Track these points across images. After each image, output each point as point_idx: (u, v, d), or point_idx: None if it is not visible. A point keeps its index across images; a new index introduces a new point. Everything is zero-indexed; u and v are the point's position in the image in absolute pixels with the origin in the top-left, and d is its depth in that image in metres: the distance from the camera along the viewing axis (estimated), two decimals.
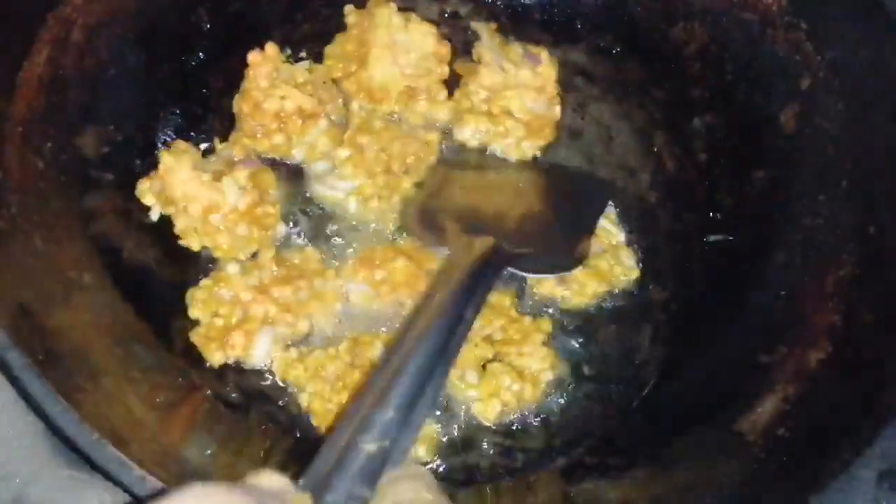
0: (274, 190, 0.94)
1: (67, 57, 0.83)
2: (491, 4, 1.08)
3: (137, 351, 0.81)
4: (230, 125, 0.98)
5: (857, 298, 0.77)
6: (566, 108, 1.03)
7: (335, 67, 1.00)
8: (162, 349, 0.84)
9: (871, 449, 0.63)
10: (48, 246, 0.77)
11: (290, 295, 0.87)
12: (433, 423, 0.86)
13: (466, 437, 0.87)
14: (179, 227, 0.89)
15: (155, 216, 0.90)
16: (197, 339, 0.86)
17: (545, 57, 1.01)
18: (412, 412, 0.60)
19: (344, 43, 1.01)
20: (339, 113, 0.99)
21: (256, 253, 0.91)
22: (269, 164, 0.96)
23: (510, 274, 0.90)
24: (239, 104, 0.96)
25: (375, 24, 0.97)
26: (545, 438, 0.87)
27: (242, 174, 0.90)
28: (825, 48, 0.85)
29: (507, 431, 0.87)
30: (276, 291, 0.87)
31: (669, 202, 0.99)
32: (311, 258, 0.92)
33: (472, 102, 1.00)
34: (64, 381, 0.66)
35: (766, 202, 0.91)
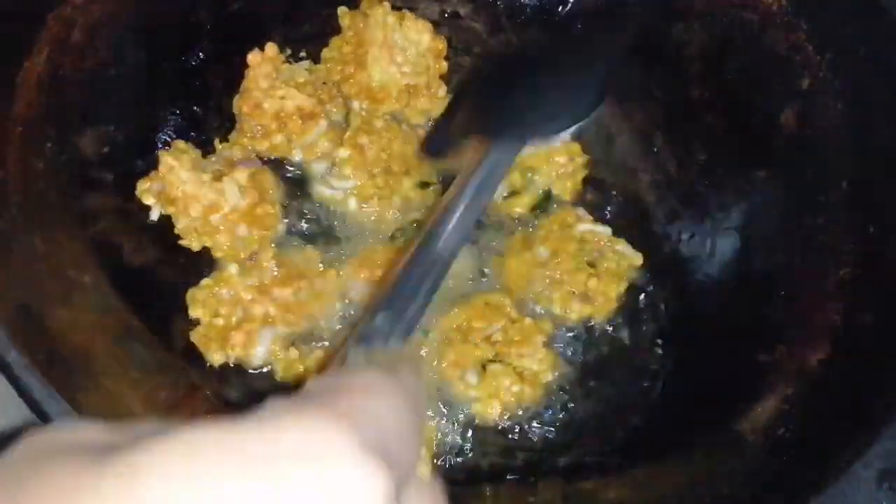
0: (274, 190, 0.94)
1: (67, 57, 0.83)
2: (491, 4, 1.08)
3: (137, 351, 0.81)
4: (230, 125, 0.98)
5: (857, 298, 0.77)
6: None
7: (333, 70, 1.00)
8: (162, 349, 0.84)
9: (871, 449, 0.63)
10: (48, 246, 0.77)
11: (290, 295, 0.87)
12: (433, 422, 0.86)
13: (466, 437, 0.87)
14: (179, 227, 0.89)
15: (155, 216, 0.90)
16: (197, 339, 0.86)
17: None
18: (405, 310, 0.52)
19: (340, 45, 1.01)
20: (339, 113, 0.99)
21: (256, 253, 0.91)
22: (269, 164, 0.96)
23: None
24: (239, 104, 0.96)
25: (370, 24, 0.97)
26: (545, 438, 0.87)
27: (242, 174, 0.90)
28: (825, 48, 0.85)
29: (507, 431, 0.87)
30: (276, 291, 0.87)
31: (669, 202, 0.99)
32: (311, 258, 0.92)
33: None
34: (64, 381, 0.66)
35: (766, 202, 0.91)
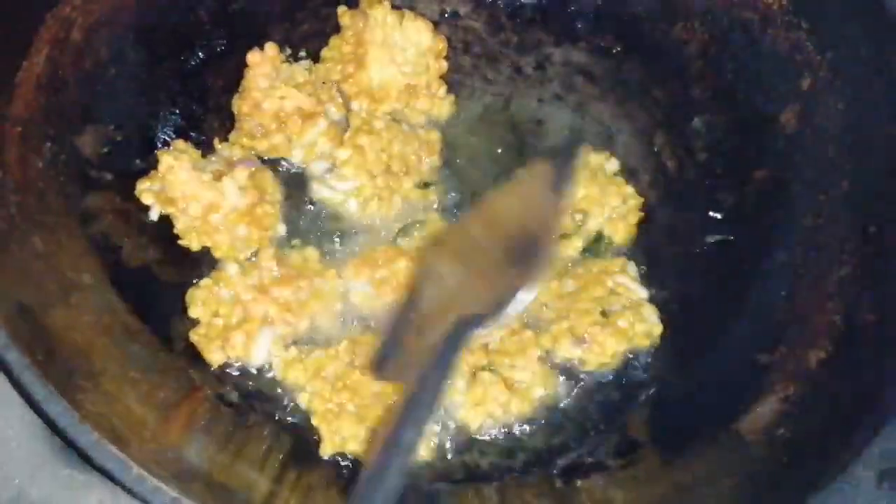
0: (274, 190, 0.94)
1: (67, 57, 0.83)
2: (491, 4, 1.08)
3: (137, 351, 0.81)
4: (230, 125, 0.98)
5: (857, 298, 0.77)
6: (567, 108, 1.04)
7: (333, 70, 1.00)
8: (162, 349, 0.84)
9: (870, 449, 0.63)
10: (48, 246, 0.77)
11: (290, 295, 0.87)
12: (433, 423, 0.86)
13: (466, 437, 0.87)
14: (179, 226, 0.89)
15: (154, 216, 0.90)
16: (197, 338, 0.86)
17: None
18: None
19: (340, 45, 1.01)
20: (339, 113, 0.99)
21: (256, 253, 0.91)
22: (269, 164, 0.96)
23: None
24: (238, 104, 0.96)
25: (370, 24, 0.97)
26: (545, 438, 0.87)
27: (242, 174, 0.90)
28: (825, 48, 0.85)
29: (507, 432, 0.87)
30: (276, 291, 0.87)
31: (669, 202, 0.99)
32: (311, 258, 0.92)
33: None
34: (64, 381, 0.66)
35: (766, 202, 0.91)
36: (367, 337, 0.88)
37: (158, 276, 0.89)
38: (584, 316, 0.88)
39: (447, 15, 1.07)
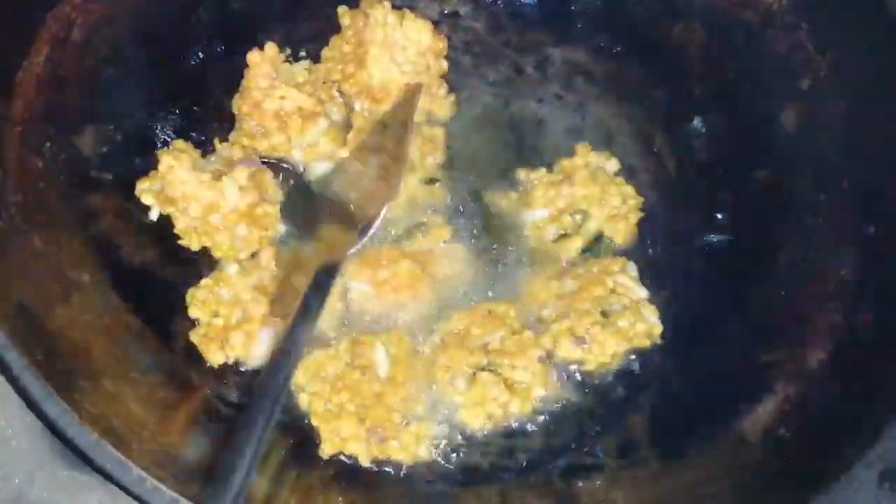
0: (274, 190, 0.94)
1: (67, 57, 0.83)
2: (491, 4, 1.08)
3: (137, 351, 0.81)
4: (230, 125, 0.98)
5: (857, 298, 0.77)
6: (567, 108, 1.04)
7: (334, 70, 1.00)
8: (162, 349, 0.84)
9: (871, 449, 0.63)
10: (48, 246, 0.77)
11: None
12: (433, 423, 0.86)
13: (466, 437, 0.87)
14: (179, 226, 0.89)
15: (154, 216, 0.90)
16: (197, 338, 0.86)
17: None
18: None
19: (340, 45, 1.01)
20: (339, 113, 0.99)
21: (256, 253, 0.91)
22: (269, 164, 0.96)
23: None
24: (238, 104, 0.96)
25: (371, 23, 0.97)
26: (545, 438, 0.87)
27: (242, 174, 0.90)
28: (825, 48, 0.85)
29: (507, 432, 0.87)
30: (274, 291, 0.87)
31: (669, 202, 0.99)
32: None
33: None
34: (64, 381, 0.66)
35: (766, 202, 0.91)
36: (367, 337, 0.88)
37: (158, 276, 0.89)
38: (584, 316, 0.88)
39: (447, 14, 1.07)
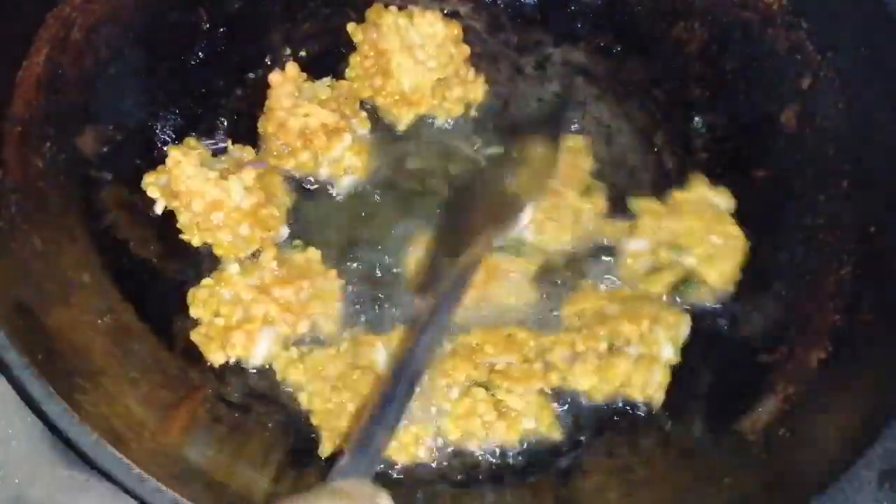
0: (283, 195, 0.94)
1: (67, 57, 0.83)
2: (491, 4, 1.08)
3: (137, 351, 0.81)
4: (230, 125, 0.98)
5: (857, 298, 0.77)
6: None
7: (363, 88, 0.99)
8: (162, 349, 0.84)
9: (871, 449, 0.63)
10: (48, 246, 0.77)
11: (291, 295, 0.87)
12: (432, 424, 0.86)
13: None
14: (182, 221, 0.89)
15: (159, 210, 0.90)
16: (197, 338, 0.86)
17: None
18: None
19: (360, 61, 0.99)
20: (363, 127, 0.98)
21: (258, 252, 0.91)
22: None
23: None
24: (263, 125, 0.96)
25: (384, 32, 0.96)
26: (546, 439, 0.87)
27: (249, 175, 0.90)
28: (825, 48, 0.85)
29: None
30: (277, 291, 0.87)
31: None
32: (312, 258, 0.92)
33: None
34: (64, 381, 0.66)
35: (766, 202, 0.91)
36: (367, 337, 0.88)
37: (159, 275, 0.89)
38: (591, 339, 0.86)
39: (447, 15, 1.07)
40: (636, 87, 1.03)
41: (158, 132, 0.95)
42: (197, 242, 0.90)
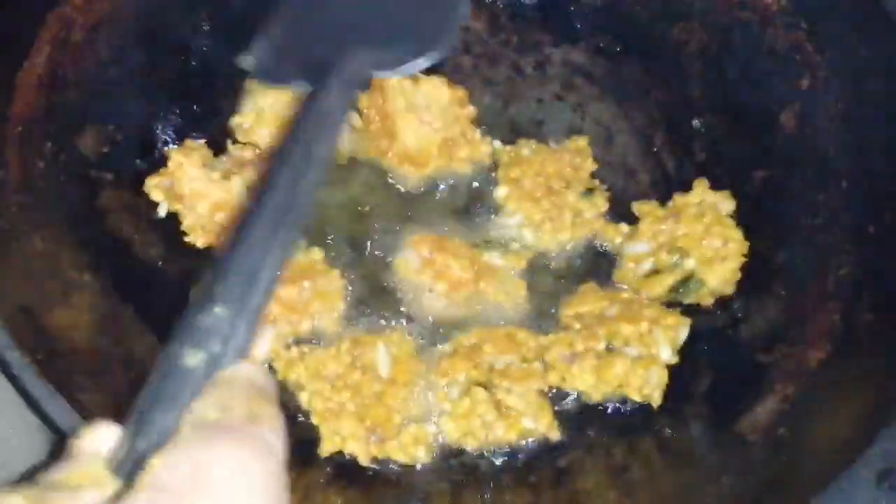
0: None
1: (67, 57, 0.83)
2: (491, 4, 1.08)
3: (138, 351, 0.81)
4: (229, 125, 0.98)
5: (857, 298, 0.77)
6: (567, 108, 1.04)
7: (370, 147, 0.98)
8: (162, 349, 0.83)
9: (870, 449, 0.63)
10: (48, 246, 0.77)
11: (292, 295, 0.87)
12: (431, 424, 0.86)
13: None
14: (186, 223, 0.90)
15: (163, 212, 0.90)
16: None
17: None
18: (247, 297, 0.50)
19: (366, 125, 0.98)
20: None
21: None
22: None
23: None
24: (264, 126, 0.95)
25: (389, 95, 0.95)
26: (545, 438, 0.87)
27: (252, 174, 0.90)
28: (825, 48, 0.85)
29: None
30: (279, 290, 0.87)
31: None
32: (314, 258, 0.92)
33: None
34: (64, 381, 0.66)
35: (766, 202, 0.91)
36: (368, 337, 0.88)
37: (160, 276, 0.89)
38: (590, 339, 0.86)
39: None
40: (636, 87, 1.03)
41: (158, 132, 0.95)
42: (201, 244, 0.90)
